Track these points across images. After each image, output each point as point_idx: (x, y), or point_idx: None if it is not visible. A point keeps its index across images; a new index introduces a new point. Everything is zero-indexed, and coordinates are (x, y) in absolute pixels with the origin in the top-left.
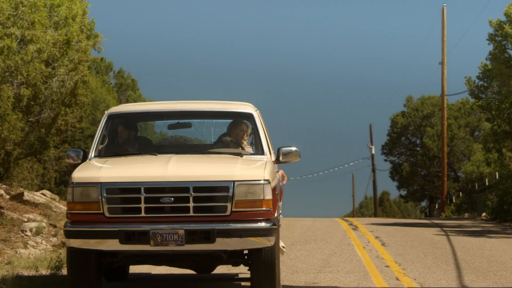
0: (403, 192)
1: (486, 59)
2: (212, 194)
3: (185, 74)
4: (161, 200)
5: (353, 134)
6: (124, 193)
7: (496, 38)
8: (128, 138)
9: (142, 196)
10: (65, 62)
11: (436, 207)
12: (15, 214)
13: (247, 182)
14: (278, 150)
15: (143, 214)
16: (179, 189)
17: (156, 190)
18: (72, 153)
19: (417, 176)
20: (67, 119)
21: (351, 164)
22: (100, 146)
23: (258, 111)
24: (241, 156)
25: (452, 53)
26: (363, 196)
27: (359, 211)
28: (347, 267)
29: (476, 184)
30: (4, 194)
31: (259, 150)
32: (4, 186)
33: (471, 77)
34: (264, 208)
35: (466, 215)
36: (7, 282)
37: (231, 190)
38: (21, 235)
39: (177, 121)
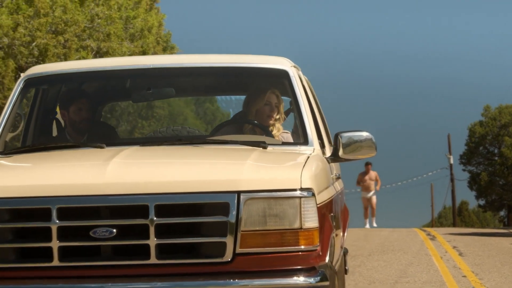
0: (482, 202)
1: None
2: (194, 219)
3: None
4: (91, 234)
5: (431, 144)
6: (20, 220)
7: None
8: (70, 122)
9: (54, 225)
10: None
11: None
12: None
13: (266, 194)
14: (337, 137)
15: (55, 263)
16: (128, 210)
17: (81, 212)
18: None
19: (495, 186)
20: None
21: (429, 174)
22: (9, 135)
23: (298, 69)
24: (264, 148)
25: None
26: (441, 206)
27: (438, 221)
28: (424, 277)
29: None
30: None
31: (299, 137)
32: None
33: None
34: (302, 247)
35: None
36: None
37: (233, 211)
38: None
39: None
